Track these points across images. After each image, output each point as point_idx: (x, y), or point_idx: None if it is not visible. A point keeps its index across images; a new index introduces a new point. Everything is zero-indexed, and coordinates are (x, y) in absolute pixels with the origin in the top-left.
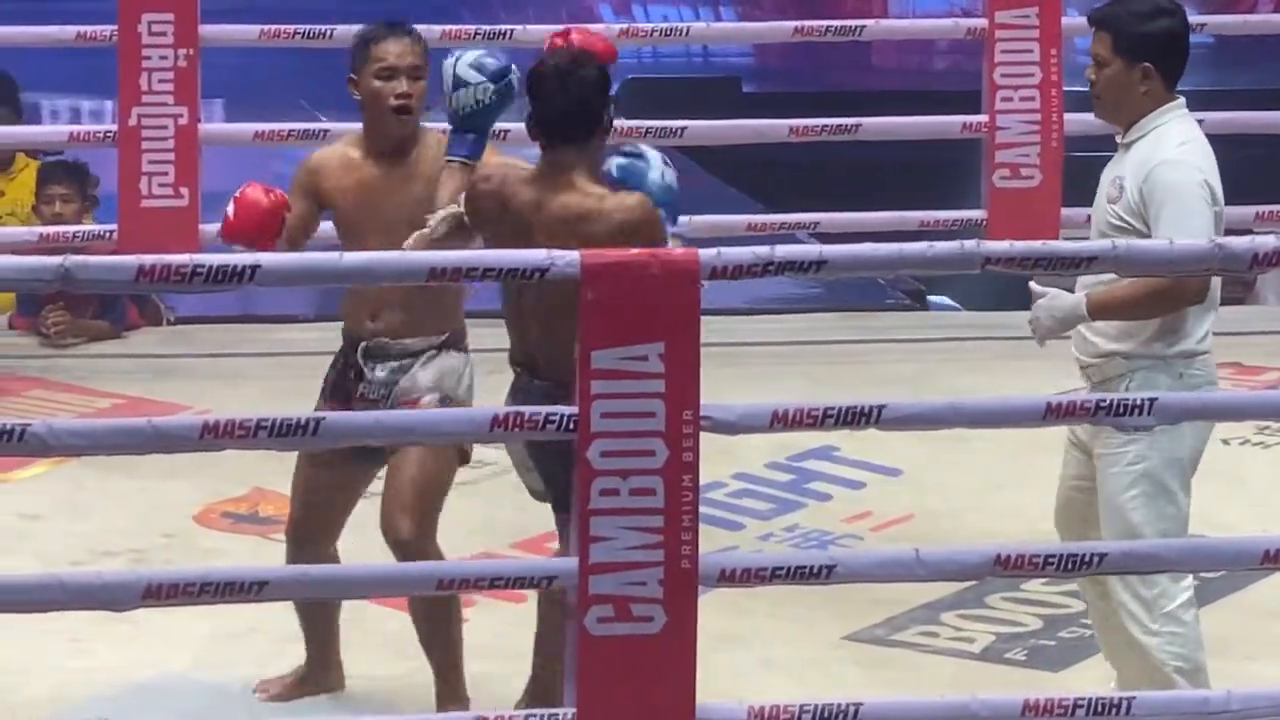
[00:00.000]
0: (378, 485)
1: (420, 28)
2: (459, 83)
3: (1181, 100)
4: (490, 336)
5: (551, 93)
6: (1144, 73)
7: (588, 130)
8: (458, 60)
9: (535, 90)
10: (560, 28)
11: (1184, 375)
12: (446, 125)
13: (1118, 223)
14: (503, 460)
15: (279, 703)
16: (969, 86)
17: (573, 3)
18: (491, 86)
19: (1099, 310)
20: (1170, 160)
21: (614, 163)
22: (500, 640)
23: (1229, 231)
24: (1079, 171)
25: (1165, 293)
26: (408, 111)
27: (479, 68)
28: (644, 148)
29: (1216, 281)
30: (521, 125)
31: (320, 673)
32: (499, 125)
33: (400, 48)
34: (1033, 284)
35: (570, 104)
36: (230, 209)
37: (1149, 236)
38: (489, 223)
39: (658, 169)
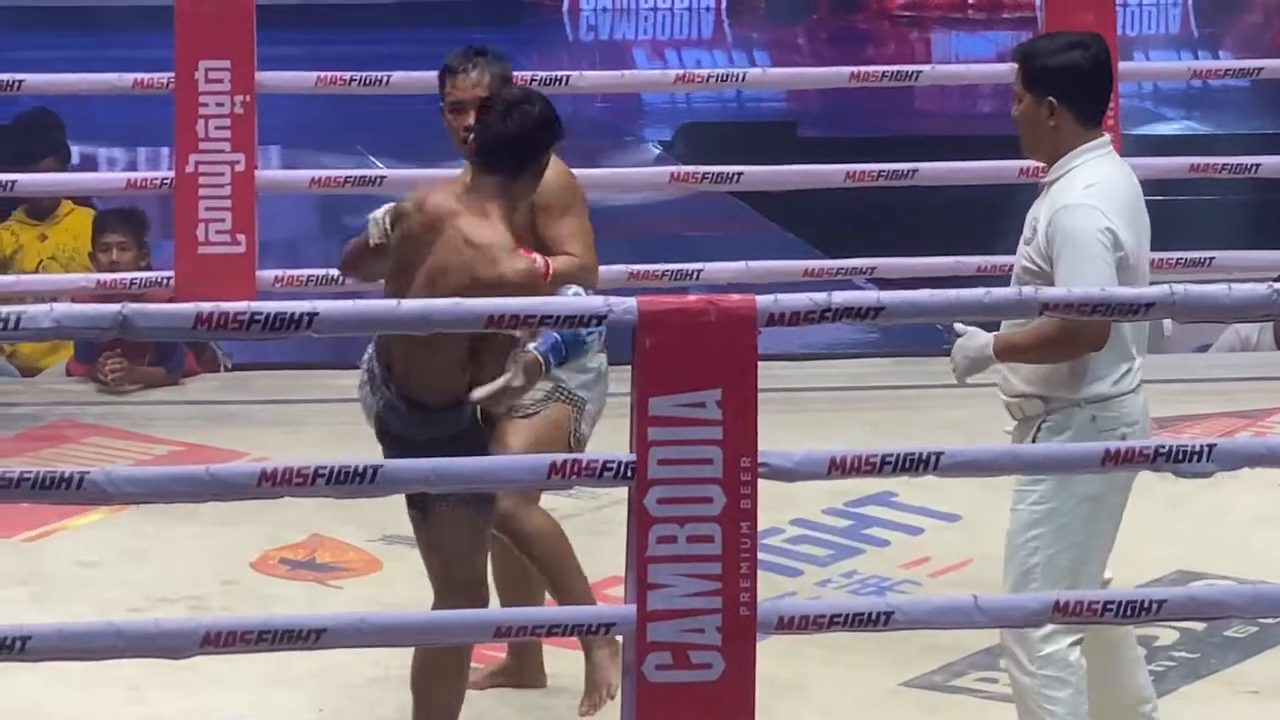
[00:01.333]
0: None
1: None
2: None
3: (1104, 139)
4: None
5: (493, 120)
6: (1049, 108)
7: (515, 163)
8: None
9: (481, 115)
10: (616, 73)
11: (1097, 418)
12: None
13: (1029, 265)
14: (561, 506)
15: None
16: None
17: (608, 49)
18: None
19: (1004, 352)
20: (1071, 205)
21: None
22: (557, 684)
23: None
24: None
25: (1058, 339)
26: None
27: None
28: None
29: (1137, 328)
30: None
31: (520, 668)
32: None
33: (467, 82)
34: (956, 323)
35: (505, 134)
36: None
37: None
38: (408, 238)
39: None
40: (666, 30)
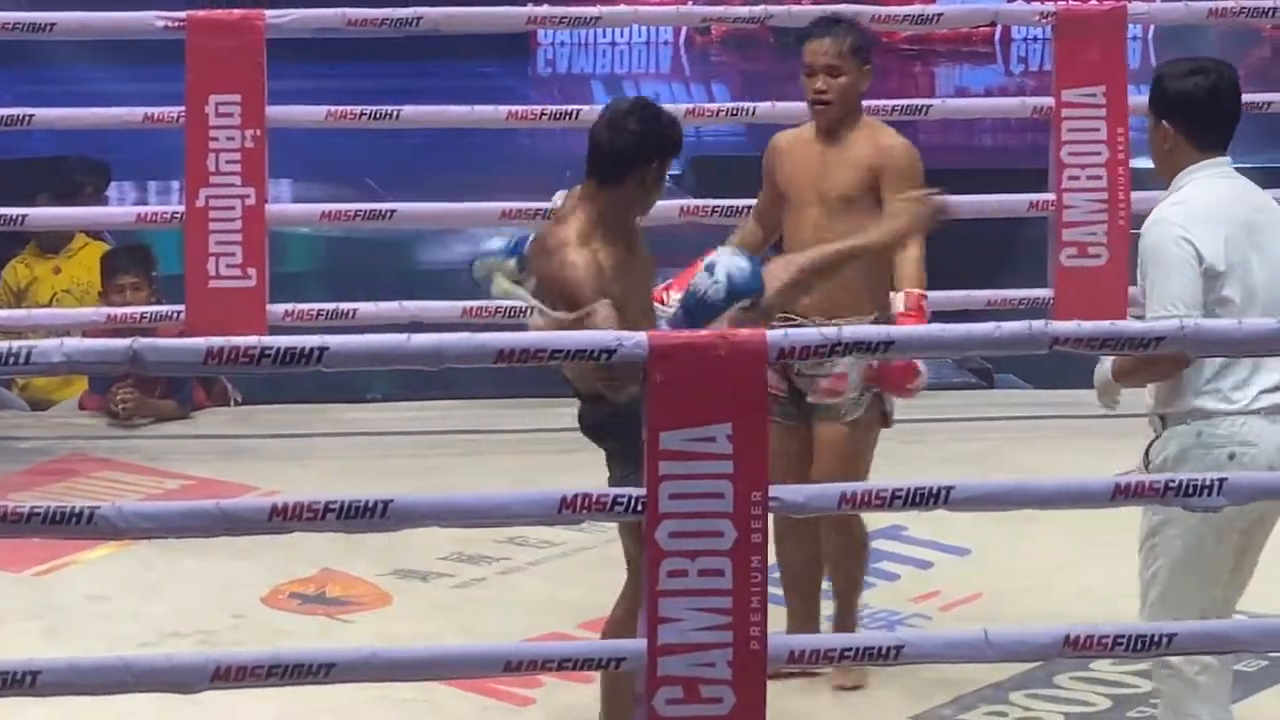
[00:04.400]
0: None
1: (485, 109)
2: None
3: (1217, 160)
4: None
5: (597, 129)
6: (1165, 132)
7: (603, 171)
8: (734, 260)
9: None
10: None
11: (1203, 434)
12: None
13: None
14: (571, 540)
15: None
16: (1015, 163)
17: (566, 82)
18: (732, 305)
19: (1119, 374)
20: (1154, 220)
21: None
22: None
23: None
24: None
25: (1150, 355)
26: (821, 104)
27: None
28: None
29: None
30: None
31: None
32: None
33: (818, 48)
34: None
35: (605, 141)
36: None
37: None
38: None
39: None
40: (625, 64)
